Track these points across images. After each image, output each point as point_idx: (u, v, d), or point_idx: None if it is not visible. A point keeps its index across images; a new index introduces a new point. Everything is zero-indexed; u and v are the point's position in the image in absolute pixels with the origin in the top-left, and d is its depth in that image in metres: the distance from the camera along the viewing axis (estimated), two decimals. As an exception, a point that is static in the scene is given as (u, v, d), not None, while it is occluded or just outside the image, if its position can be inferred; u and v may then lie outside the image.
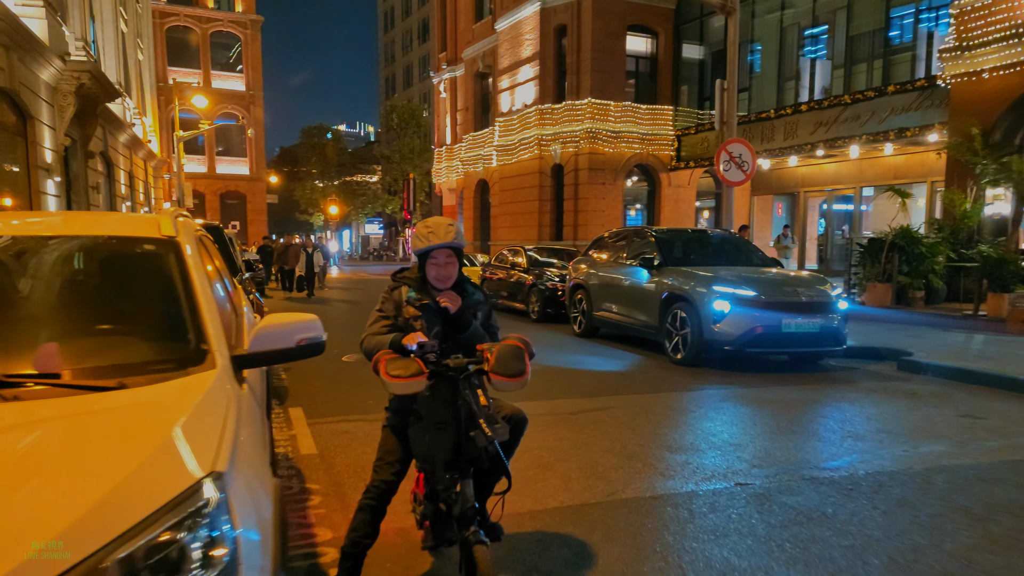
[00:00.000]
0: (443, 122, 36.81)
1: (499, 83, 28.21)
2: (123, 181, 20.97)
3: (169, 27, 40.90)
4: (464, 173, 32.97)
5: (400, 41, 79.01)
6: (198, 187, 42.01)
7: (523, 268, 14.51)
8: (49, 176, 12.93)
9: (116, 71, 20.43)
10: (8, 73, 10.74)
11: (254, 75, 43.80)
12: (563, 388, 7.21)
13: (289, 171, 66.07)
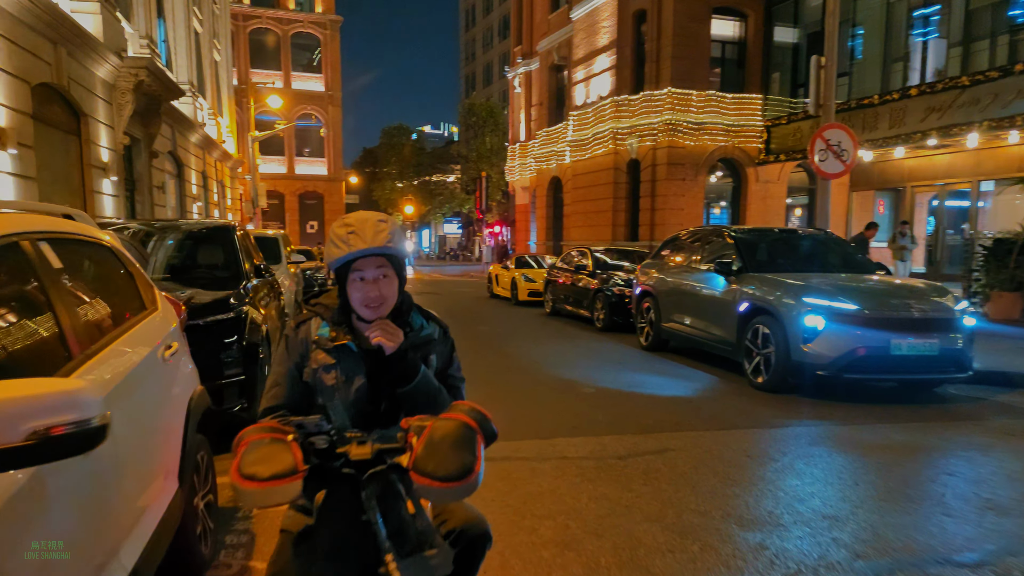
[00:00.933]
0: (517, 118, 35.89)
1: (574, 75, 27.00)
2: (194, 181, 21.07)
3: (252, 29, 41.80)
4: (537, 170, 31.93)
5: (480, 39, 79.18)
6: (278, 187, 42.85)
7: (589, 271, 13.32)
8: (105, 175, 12.74)
9: (188, 71, 20.53)
10: (56, 69, 10.49)
11: (332, 75, 44.24)
12: (615, 418, 6.03)
13: (370, 172, 67.08)
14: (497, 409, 6.06)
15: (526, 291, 17.35)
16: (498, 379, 7.80)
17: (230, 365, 4.78)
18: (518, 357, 9.33)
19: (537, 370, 8.36)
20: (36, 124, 10.27)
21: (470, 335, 11.59)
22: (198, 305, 4.79)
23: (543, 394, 7.04)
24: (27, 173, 9.39)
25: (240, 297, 5.41)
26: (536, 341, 10.99)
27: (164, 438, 2.51)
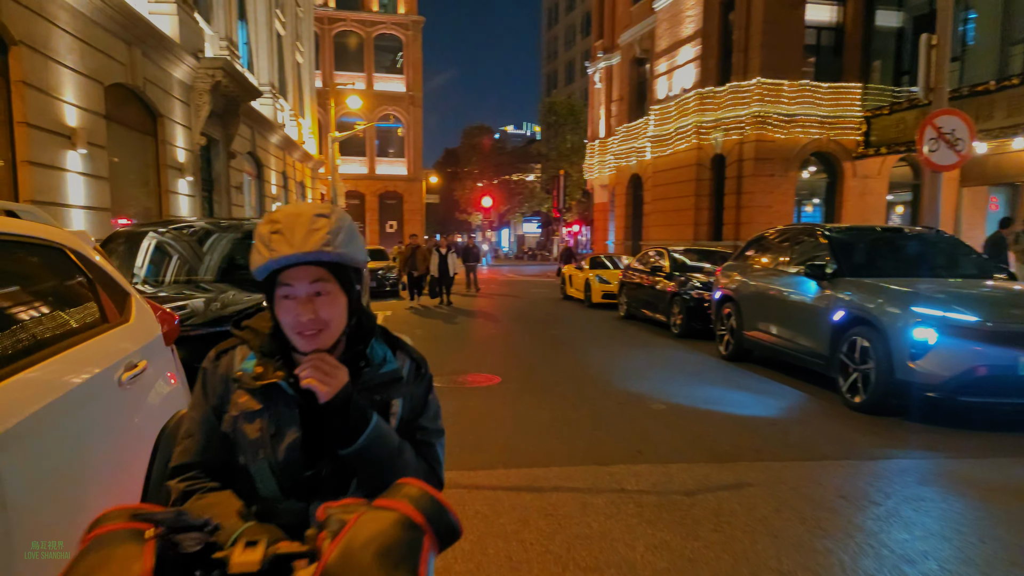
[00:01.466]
0: (596, 114, 35.04)
1: (656, 68, 25.97)
2: (274, 181, 21.45)
3: (336, 32, 42.70)
4: (616, 168, 31.01)
5: (562, 36, 78.72)
6: (359, 188, 43.62)
7: (665, 273, 12.50)
8: (181, 175, 12.94)
9: (269, 72, 20.90)
10: (130, 69, 10.64)
11: (414, 76, 44.63)
12: (687, 442, 5.33)
13: (451, 172, 67.68)
14: (555, 426, 5.43)
15: (600, 293, 16.64)
16: (560, 389, 7.21)
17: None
18: (585, 365, 8.69)
19: (604, 381, 7.71)
20: (110, 125, 10.43)
21: (538, 339, 11.04)
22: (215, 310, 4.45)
23: (608, 409, 6.39)
24: (99, 173, 9.50)
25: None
26: (607, 347, 10.32)
27: (109, 480, 2.07)
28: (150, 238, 5.96)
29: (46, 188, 8.14)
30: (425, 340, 10.88)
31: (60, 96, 8.46)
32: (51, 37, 8.29)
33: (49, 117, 8.20)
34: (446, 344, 10.50)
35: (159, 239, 5.98)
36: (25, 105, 7.71)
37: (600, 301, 16.54)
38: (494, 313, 15.38)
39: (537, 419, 6.01)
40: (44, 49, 8.12)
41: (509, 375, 7.93)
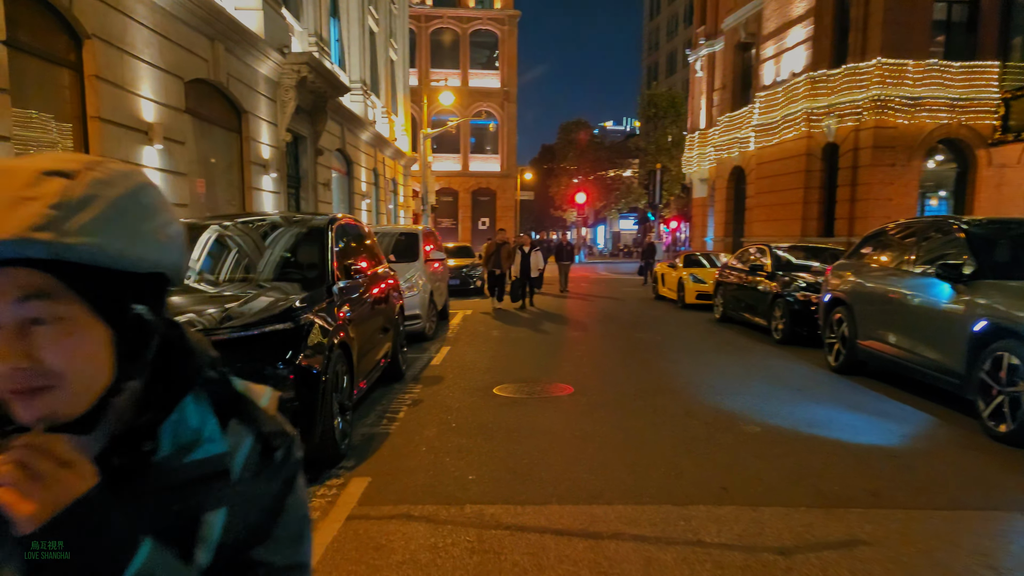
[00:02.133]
0: (697, 104, 33.40)
1: (762, 52, 24.29)
2: (363, 178, 21.54)
3: (432, 30, 42.99)
4: (717, 160, 29.37)
5: (665, 26, 76.74)
6: (452, 184, 43.77)
7: (767, 272, 11.34)
8: (265, 172, 12.97)
9: (361, 69, 20.98)
10: (213, 65, 10.65)
11: (509, 71, 44.28)
12: (784, 477, 4.43)
13: (547, 168, 67.07)
14: (626, 450, 4.66)
15: (694, 293, 15.53)
16: (639, 403, 6.41)
17: (279, 386, 3.91)
18: (672, 375, 7.82)
19: (691, 394, 6.83)
20: (191, 121, 10.46)
21: (622, 344, 10.21)
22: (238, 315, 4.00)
23: (692, 431, 5.55)
24: (177, 168, 9.49)
25: (311, 302, 4.56)
26: (698, 354, 9.36)
27: None
28: (211, 231, 5.64)
29: (120, 183, 8.14)
30: (499, 343, 10.30)
31: (136, 91, 8.45)
32: (127, 31, 8.28)
33: (124, 112, 8.19)
34: (521, 348, 9.87)
35: (221, 233, 5.64)
36: (99, 100, 7.70)
37: (694, 302, 15.45)
38: (579, 314, 14.62)
39: (607, 440, 5.25)
40: (119, 43, 8.11)
41: (584, 385, 7.19)
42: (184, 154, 9.77)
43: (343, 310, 5.07)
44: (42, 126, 7.25)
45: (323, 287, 5.01)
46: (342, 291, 5.24)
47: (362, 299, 5.81)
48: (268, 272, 5.32)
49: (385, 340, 6.70)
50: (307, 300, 4.55)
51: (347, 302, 5.26)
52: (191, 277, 5.22)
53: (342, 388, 4.71)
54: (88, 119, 7.72)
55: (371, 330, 6.01)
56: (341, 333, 4.74)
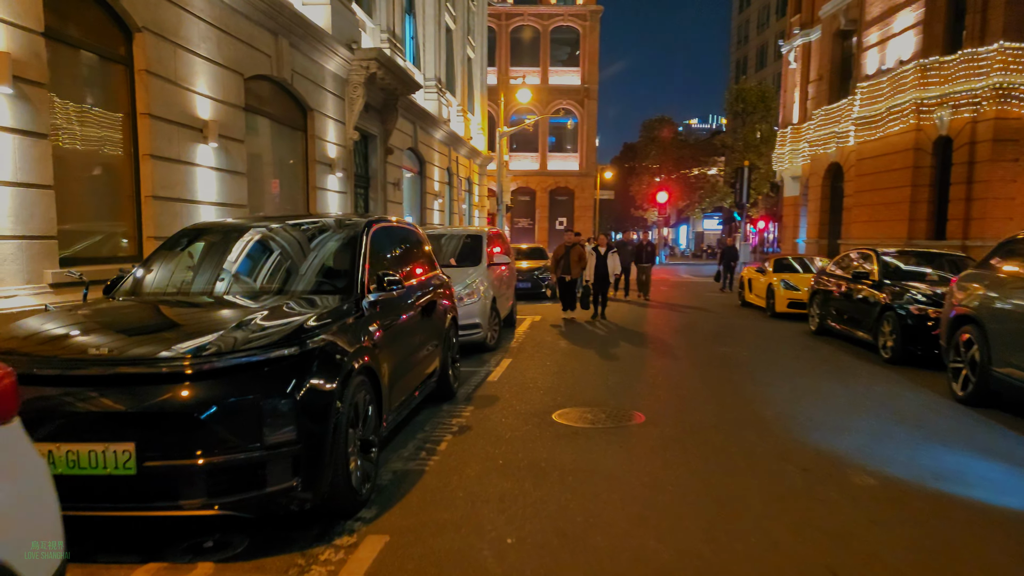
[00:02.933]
0: (790, 98, 31.40)
1: (864, 39, 22.37)
2: (436, 178, 21.12)
3: (513, 27, 42.43)
4: (811, 156, 27.42)
5: (755, 19, 74.05)
6: (529, 183, 43.08)
7: (873, 281, 10.03)
8: (331, 171, 12.62)
9: (436, 67, 20.57)
10: (276, 61, 10.31)
11: (590, 68, 43.20)
12: (910, 557, 3.43)
13: (629, 167, 65.52)
14: (703, 506, 3.50)
15: (785, 301, 14.22)
16: (721, 439, 5.46)
17: (276, 425, 3.26)
18: (763, 402, 6.80)
19: (785, 428, 5.82)
20: (252, 118, 10.15)
21: (703, 360, 9.20)
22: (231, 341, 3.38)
23: (788, 481, 4.57)
24: (235, 168, 9.16)
25: (332, 319, 3.91)
26: (792, 375, 8.25)
27: None
28: (229, 237, 5.10)
29: (171, 183, 7.81)
30: (566, 357, 9.48)
31: (191, 87, 8.13)
32: (182, 25, 7.97)
33: (177, 109, 7.88)
34: (589, 363, 9.01)
35: (241, 238, 5.10)
36: (149, 95, 7.39)
37: (785, 311, 14.15)
38: (657, 323, 13.59)
39: (681, 490, 4.36)
40: (173, 37, 7.80)
41: (658, 412, 6.29)
42: (242, 153, 9.44)
43: (373, 327, 4.39)
44: (89, 121, 6.97)
45: (350, 300, 4.35)
46: (374, 305, 4.57)
47: (401, 312, 5.13)
48: (289, 283, 4.70)
49: (432, 356, 6.02)
50: (325, 316, 3.90)
51: (380, 317, 4.58)
52: (197, 287, 4.69)
53: (365, 421, 4.04)
54: (138, 115, 7.42)
55: (412, 348, 5.33)
56: (366, 356, 4.06)
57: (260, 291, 4.63)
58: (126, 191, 7.42)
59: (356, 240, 4.87)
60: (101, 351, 3.28)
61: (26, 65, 5.79)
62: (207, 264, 4.89)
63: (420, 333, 5.60)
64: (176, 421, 3.13)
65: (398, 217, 6.46)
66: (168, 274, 4.84)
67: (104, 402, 3.13)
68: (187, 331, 3.69)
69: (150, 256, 5.09)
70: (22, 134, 5.80)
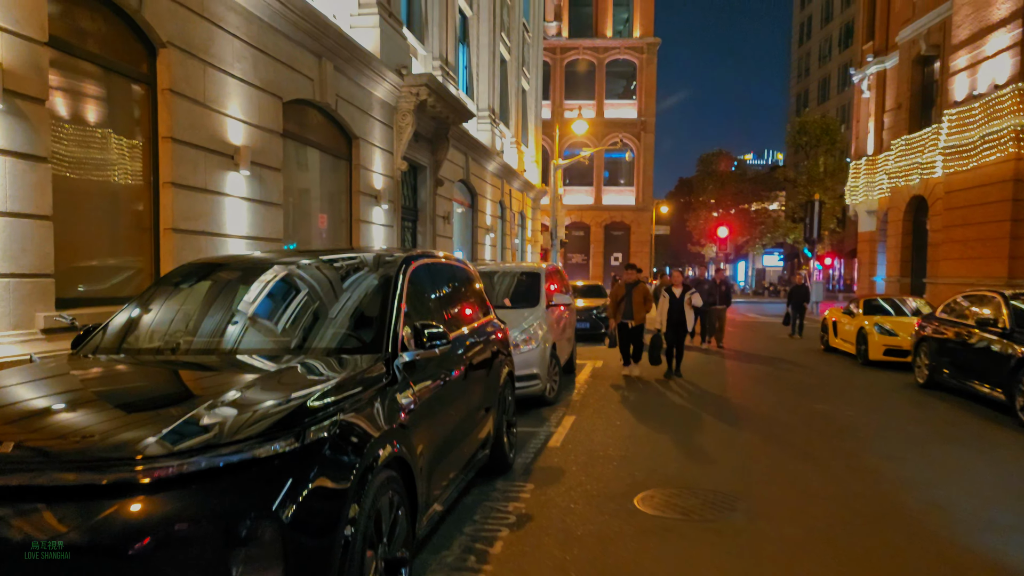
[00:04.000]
0: (863, 128, 29.64)
1: (951, 64, 20.73)
2: (489, 211, 20.23)
3: (568, 61, 41.88)
4: (890, 189, 25.59)
5: (816, 51, 72.65)
6: (583, 218, 42.00)
7: (1003, 329, 8.49)
8: (377, 203, 11.78)
9: (489, 97, 19.86)
10: (319, 85, 9.57)
11: (646, 101, 42.20)
12: None
13: (684, 201, 64.06)
14: None
15: (881, 348, 12.62)
16: (861, 540, 4.13)
17: (253, 563, 2.17)
18: (892, 482, 5.42)
19: (939, 526, 4.45)
20: (291, 145, 9.38)
21: (805, 420, 7.81)
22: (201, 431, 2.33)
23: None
24: (269, 198, 8.33)
25: (349, 392, 2.83)
26: (917, 443, 6.80)
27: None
28: (260, 273, 4.12)
29: (195, 214, 6.98)
30: (638, 414, 8.21)
31: (221, 109, 7.36)
32: (213, 41, 7.24)
33: (204, 132, 7.09)
34: (666, 424, 7.73)
35: (243, 278, 4.11)
36: (172, 118, 6.62)
37: (880, 359, 12.56)
38: (736, 374, 12.17)
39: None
40: (203, 55, 7.06)
41: (764, 497, 4.99)
42: (279, 182, 8.62)
43: (407, 398, 3.30)
44: (103, 144, 6.20)
45: (378, 361, 3.27)
46: (410, 367, 3.48)
47: (446, 371, 4.03)
48: (302, 337, 3.64)
49: (484, 423, 4.89)
50: (341, 388, 2.83)
51: (418, 381, 3.49)
52: (184, 343, 3.66)
53: (393, 533, 2.92)
54: (160, 139, 6.63)
55: (459, 418, 4.21)
56: (395, 442, 2.96)
57: (264, 348, 3.59)
58: (143, 223, 6.60)
59: (389, 282, 3.80)
60: (3, 448, 2.26)
61: (23, 79, 5.02)
62: (202, 311, 3.88)
63: (470, 396, 4.49)
64: (95, 559, 2.07)
65: (446, 252, 5.36)
66: (153, 323, 3.85)
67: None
68: (145, 413, 2.67)
69: (135, 299, 4.12)
70: (15, 156, 5.01)
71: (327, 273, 4.12)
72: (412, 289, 3.98)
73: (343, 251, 4.49)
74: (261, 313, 3.85)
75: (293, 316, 3.83)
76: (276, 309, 3.91)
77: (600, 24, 41.88)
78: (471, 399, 4.51)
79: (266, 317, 3.83)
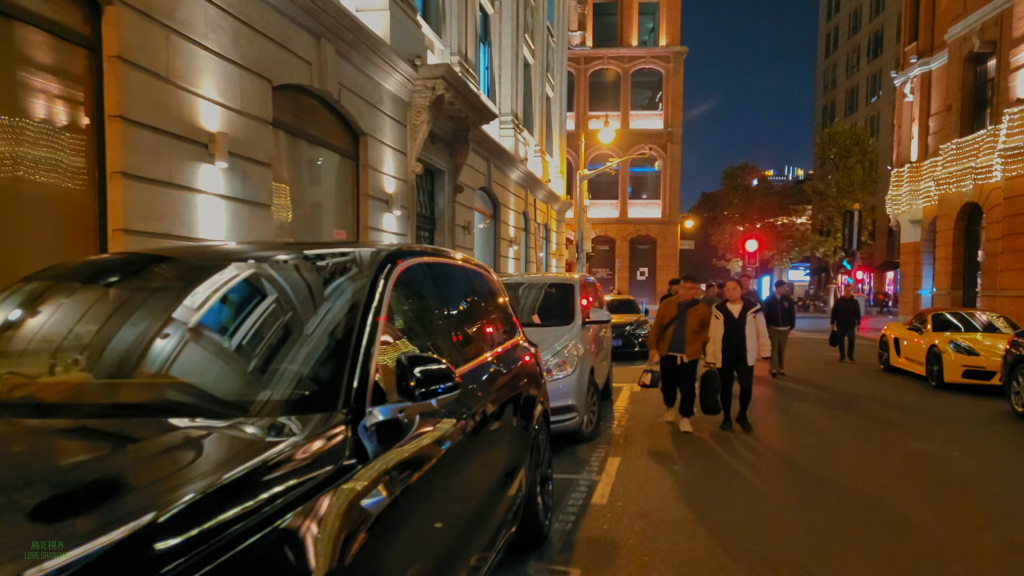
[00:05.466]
0: (906, 134, 27.98)
1: (1012, 58, 19.13)
2: (512, 222, 18.90)
3: (592, 71, 40.69)
4: (938, 196, 23.87)
5: (844, 63, 71.07)
6: (608, 232, 40.55)
7: None
8: (388, 209, 10.51)
9: (512, 102, 18.61)
10: (318, 70, 8.33)
11: (673, 111, 40.82)
12: None
13: (708, 216, 62.58)
14: None
15: (959, 369, 11.04)
16: None
17: None
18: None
19: None
20: (285, 138, 8.13)
21: (904, 464, 6.29)
22: None
23: None
24: (254, 197, 7.06)
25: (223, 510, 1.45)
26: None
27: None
28: (162, 278, 2.74)
29: (154, 213, 5.72)
30: (699, 455, 6.73)
31: (190, 87, 6.13)
32: (180, 4, 6.02)
33: (168, 114, 5.86)
34: (734, 471, 6.27)
35: (239, 277, 2.68)
36: (122, 92, 5.39)
37: (959, 381, 10.97)
38: (802, 400, 10.64)
39: None
40: (165, 18, 5.82)
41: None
42: (267, 179, 7.35)
43: (378, 495, 1.91)
44: (33, 125, 4.95)
45: (328, 427, 1.90)
46: (389, 431, 2.10)
47: (451, 429, 2.62)
48: (203, 384, 2.22)
49: (509, 489, 3.48)
50: (227, 499, 1.46)
51: (404, 456, 2.10)
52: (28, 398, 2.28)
53: None
54: (106, 119, 5.38)
55: (473, 498, 2.81)
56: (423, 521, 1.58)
57: (138, 400, 2.20)
58: (86, 223, 5.33)
59: (358, 294, 2.41)
60: None
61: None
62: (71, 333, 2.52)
63: (491, 457, 3.10)
64: None
65: (464, 255, 3.95)
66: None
67: None
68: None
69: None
70: None
71: (277, 280, 2.69)
72: (403, 302, 2.62)
73: (303, 245, 3.03)
74: (139, 342, 2.40)
75: (202, 348, 2.42)
76: (172, 336, 2.42)
77: (625, 33, 40.68)
78: (493, 461, 3.11)
79: (152, 350, 2.38)
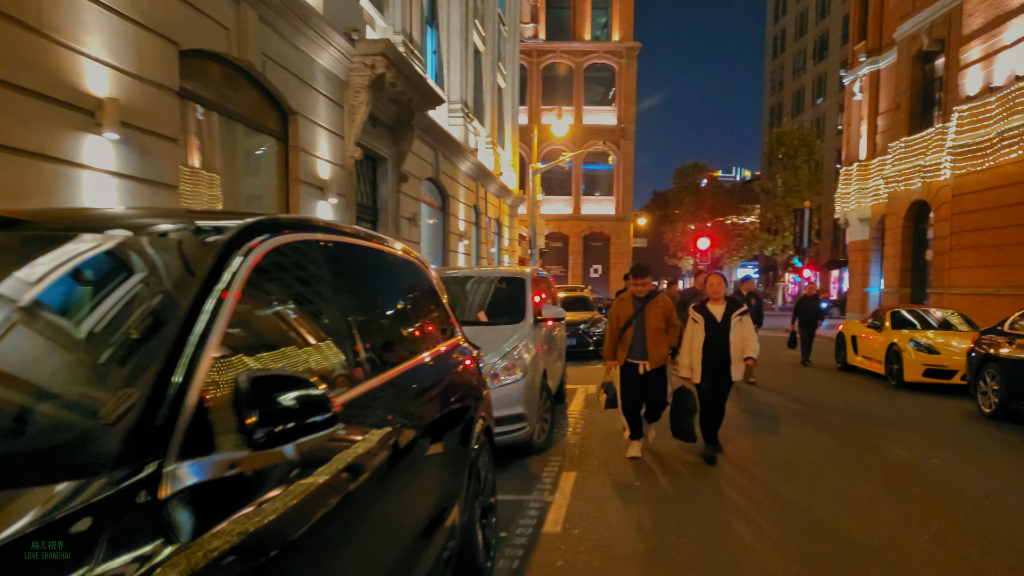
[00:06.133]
0: (855, 132, 28.19)
1: (960, 58, 19.20)
2: (462, 216, 18.08)
3: (545, 65, 40.11)
4: (888, 194, 24.02)
5: (791, 65, 72.30)
6: (562, 229, 40.10)
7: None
8: (322, 196, 9.60)
9: (462, 89, 17.79)
10: (236, 37, 7.41)
11: (626, 107, 40.57)
12: None
13: (660, 215, 62.89)
14: None
15: (920, 368, 10.76)
16: None
17: None
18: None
19: None
20: (194, 110, 7.18)
21: (883, 475, 5.75)
22: None
23: None
24: (157, 177, 6.11)
25: None
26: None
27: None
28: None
29: (25, 190, 4.76)
30: (654, 464, 6.08)
31: (69, 42, 5.17)
32: (58, -56, 5.08)
33: (40, 72, 4.90)
34: (700, 488, 5.64)
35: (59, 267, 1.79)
36: (-24, 41, 4.45)
37: (919, 380, 10.68)
38: (765, 402, 10.16)
39: None
40: (40, -40, 4.90)
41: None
42: (173, 157, 6.40)
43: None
44: None
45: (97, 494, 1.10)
46: (213, 498, 1.31)
47: (335, 484, 1.83)
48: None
49: (439, 530, 2.72)
50: None
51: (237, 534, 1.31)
52: None
53: None
54: (-48, 73, 4.40)
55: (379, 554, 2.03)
56: None
57: None
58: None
59: (190, 286, 1.58)
60: None
61: None
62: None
63: (404, 500, 2.31)
64: None
65: (375, 233, 3.12)
66: None
67: None
68: None
69: None
70: None
71: (51, 265, 1.80)
72: (275, 296, 1.82)
73: (138, 213, 2.13)
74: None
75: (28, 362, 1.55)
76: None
77: (578, 27, 40.23)
78: (410, 507, 2.34)
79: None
